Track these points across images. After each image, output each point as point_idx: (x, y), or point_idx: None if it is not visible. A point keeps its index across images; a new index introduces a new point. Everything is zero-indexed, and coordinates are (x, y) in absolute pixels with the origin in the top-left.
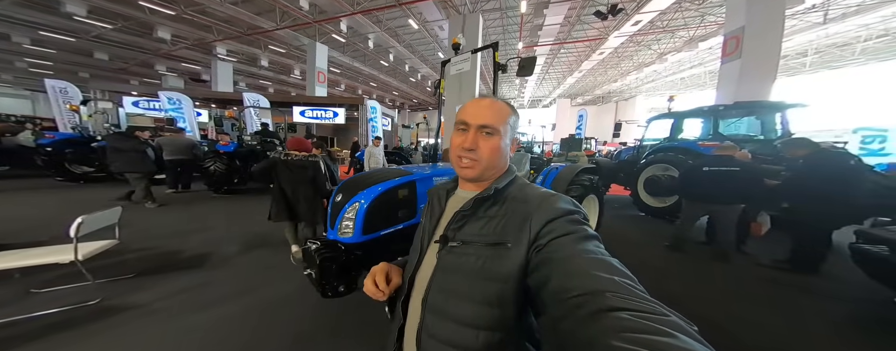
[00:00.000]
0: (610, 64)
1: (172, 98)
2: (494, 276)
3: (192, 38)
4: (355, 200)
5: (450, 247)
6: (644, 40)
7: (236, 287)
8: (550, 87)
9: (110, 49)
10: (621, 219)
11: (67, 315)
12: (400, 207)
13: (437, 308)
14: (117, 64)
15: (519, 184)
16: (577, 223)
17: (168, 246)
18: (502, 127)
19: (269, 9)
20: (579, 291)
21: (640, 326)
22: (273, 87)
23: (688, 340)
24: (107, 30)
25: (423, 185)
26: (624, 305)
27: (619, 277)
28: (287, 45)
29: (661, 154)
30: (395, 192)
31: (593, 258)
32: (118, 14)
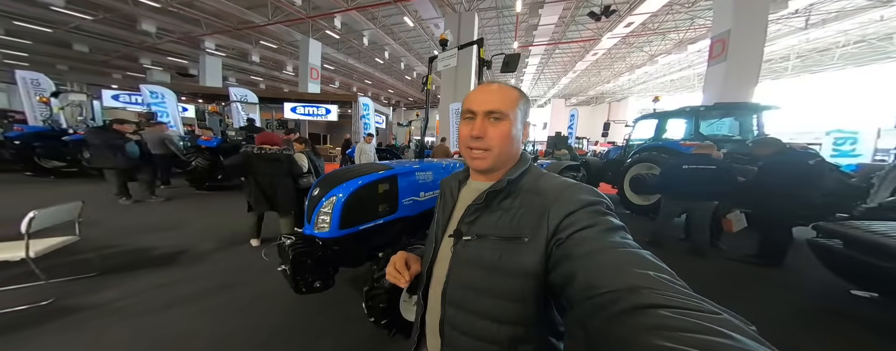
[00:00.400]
0: (603, 65)
1: (155, 92)
2: (512, 271)
3: (179, 31)
4: (332, 195)
5: (464, 241)
6: (636, 42)
7: (209, 284)
8: (545, 87)
9: (91, 41)
10: None
11: (15, 317)
12: (380, 201)
13: (456, 302)
14: (98, 56)
15: (534, 174)
16: (599, 214)
17: (138, 243)
18: (512, 112)
19: (261, 3)
20: (610, 288)
21: (687, 325)
22: (264, 84)
23: (745, 340)
24: (86, 21)
25: (404, 179)
26: (664, 302)
27: (654, 272)
28: (279, 41)
29: (646, 153)
30: (375, 186)
31: (623, 252)
32: (99, 5)
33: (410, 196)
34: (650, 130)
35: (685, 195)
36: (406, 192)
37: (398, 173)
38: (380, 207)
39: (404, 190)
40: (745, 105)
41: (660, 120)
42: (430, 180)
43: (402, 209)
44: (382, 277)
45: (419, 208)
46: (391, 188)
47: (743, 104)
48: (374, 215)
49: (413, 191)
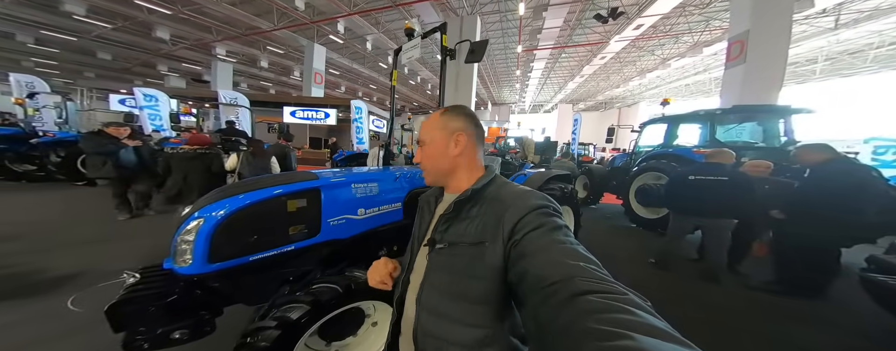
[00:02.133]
0: (612, 69)
1: (148, 95)
2: (478, 274)
3: (192, 38)
4: (201, 215)
5: (438, 249)
6: (647, 45)
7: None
8: (552, 91)
9: (112, 49)
10: (611, 230)
11: None
12: (292, 222)
13: (430, 306)
14: (120, 64)
15: (498, 184)
16: (546, 216)
17: (28, 265)
18: (429, 135)
19: (267, 10)
20: (553, 280)
21: (606, 306)
22: (274, 89)
23: (644, 314)
24: (107, 29)
25: (332, 193)
26: (590, 288)
27: (584, 263)
28: (286, 46)
29: (654, 161)
30: (278, 203)
31: (563, 247)
32: (117, 13)
33: (342, 214)
34: (659, 136)
35: (693, 210)
36: (335, 209)
37: (324, 186)
38: (291, 229)
39: (332, 207)
40: (770, 108)
41: (670, 125)
42: (374, 194)
43: (328, 231)
44: (262, 330)
45: (354, 229)
46: (310, 205)
47: (767, 107)
48: (280, 241)
49: (346, 208)
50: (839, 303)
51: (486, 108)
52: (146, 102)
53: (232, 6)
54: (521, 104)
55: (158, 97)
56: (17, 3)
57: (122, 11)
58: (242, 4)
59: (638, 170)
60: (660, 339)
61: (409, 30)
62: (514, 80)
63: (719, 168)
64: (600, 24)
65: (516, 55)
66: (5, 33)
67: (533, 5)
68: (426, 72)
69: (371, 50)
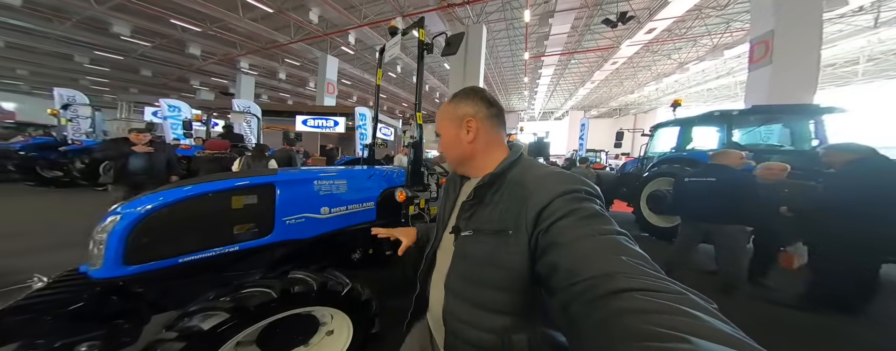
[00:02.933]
0: (625, 74)
1: (173, 105)
2: (502, 263)
3: (219, 53)
4: (117, 212)
5: (463, 237)
6: (662, 49)
7: None
8: (562, 98)
9: (152, 66)
10: None
11: None
12: (237, 220)
13: (457, 292)
14: (160, 80)
15: (522, 166)
16: (577, 201)
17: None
18: (442, 126)
19: (285, 24)
20: (588, 274)
21: (655, 306)
22: (292, 99)
23: (706, 317)
24: (147, 48)
25: (290, 190)
26: (636, 286)
27: (628, 257)
28: (302, 58)
29: (666, 166)
30: (221, 199)
31: (600, 239)
32: (156, 32)
33: (302, 213)
34: (673, 140)
35: (698, 216)
36: (292, 206)
37: (279, 181)
38: (236, 228)
39: (288, 204)
40: (794, 108)
41: (682, 128)
42: (342, 192)
43: (284, 231)
44: (161, 342)
45: (319, 229)
46: (262, 202)
47: (791, 106)
48: (221, 240)
49: (307, 206)
50: (880, 322)
51: None
52: (170, 112)
53: (253, 21)
54: (530, 111)
55: (181, 107)
56: (75, 26)
57: (160, 30)
58: (263, 20)
59: (649, 175)
60: (728, 346)
61: (392, 28)
62: (523, 88)
63: (716, 170)
64: (610, 28)
65: (524, 62)
66: (66, 55)
67: (539, 12)
68: (434, 80)
69: (386, 61)
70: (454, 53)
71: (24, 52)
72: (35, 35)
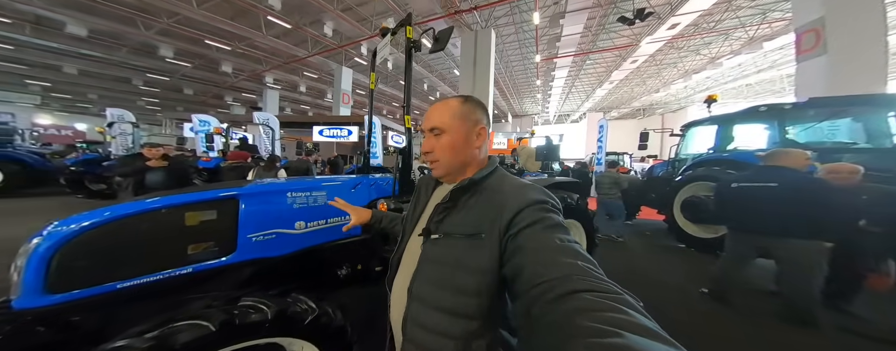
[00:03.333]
0: (648, 73)
1: (203, 120)
2: (472, 267)
3: (247, 70)
4: (38, 235)
5: (432, 240)
6: (688, 44)
7: None
8: (579, 100)
9: (193, 85)
10: (651, 250)
11: None
12: (190, 239)
13: (421, 297)
14: (199, 97)
15: (498, 175)
16: (545, 212)
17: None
18: (450, 123)
19: (303, 39)
20: (548, 277)
21: (599, 305)
22: (311, 111)
23: (636, 314)
24: (188, 68)
25: (254, 202)
26: (586, 287)
27: (581, 262)
28: (319, 71)
29: (704, 169)
30: (167, 216)
31: (561, 245)
32: (194, 54)
33: (271, 229)
34: (708, 140)
35: (753, 228)
36: (258, 222)
37: (243, 194)
38: (191, 248)
39: (253, 219)
40: (865, 99)
41: (721, 126)
42: (320, 204)
43: (249, 249)
44: None
45: (293, 246)
46: (221, 218)
47: (861, 97)
48: (172, 261)
49: (277, 221)
50: None
51: (506, 121)
52: (200, 127)
53: (275, 38)
54: (544, 115)
55: (210, 122)
56: (130, 52)
57: (198, 51)
58: (284, 36)
59: (682, 179)
60: (650, 338)
61: (384, 30)
62: (535, 91)
63: (776, 173)
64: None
65: (535, 65)
66: (125, 78)
67: (549, 14)
68: (444, 86)
69: (391, 69)
70: (442, 49)
71: (92, 78)
72: (100, 62)
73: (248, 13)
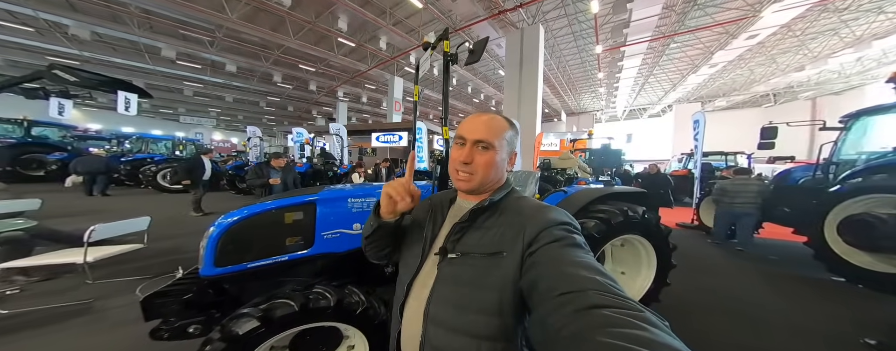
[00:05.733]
0: (779, 47)
1: (299, 131)
2: (492, 285)
3: (326, 86)
4: (214, 224)
5: (449, 259)
6: (856, 3)
7: None
8: (659, 92)
9: (292, 103)
10: (781, 283)
11: (60, 310)
12: (289, 233)
13: (438, 320)
14: (296, 113)
15: (515, 196)
16: (566, 232)
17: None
18: (498, 141)
19: (364, 55)
20: (565, 290)
21: (619, 321)
22: (371, 119)
23: (659, 332)
24: (289, 89)
25: (327, 207)
26: (605, 303)
27: (600, 277)
28: (376, 82)
29: (885, 176)
30: (277, 215)
31: (578, 260)
32: (292, 77)
33: (336, 228)
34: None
35: None
36: (329, 223)
37: (320, 199)
38: (287, 240)
39: (326, 220)
40: None
41: None
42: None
43: (321, 244)
44: (210, 343)
45: (352, 244)
46: (306, 218)
47: None
48: (276, 250)
49: (341, 222)
50: None
51: (559, 120)
52: (297, 138)
53: (344, 57)
54: (610, 111)
55: (303, 133)
56: (259, 80)
57: (295, 74)
58: (350, 54)
59: (845, 189)
60: None
61: (426, 44)
62: (597, 84)
63: None
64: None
65: (596, 57)
66: (255, 101)
67: (611, 0)
68: (489, 88)
69: (437, 74)
70: (477, 61)
71: (239, 104)
72: (242, 90)
73: (325, 37)
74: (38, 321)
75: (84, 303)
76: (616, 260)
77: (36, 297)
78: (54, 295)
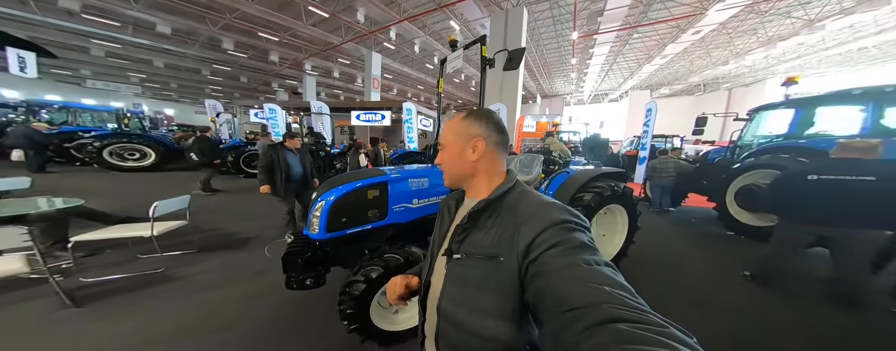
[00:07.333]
0: (714, 43)
1: (272, 108)
2: (494, 289)
3: (290, 58)
4: (323, 199)
5: (455, 259)
6: (776, 7)
7: (260, 267)
8: (620, 78)
9: (247, 73)
10: (696, 236)
11: (136, 279)
12: (369, 207)
13: (448, 316)
14: (252, 85)
15: (517, 192)
16: (567, 231)
17: (228, 229)
18: (449, 137)
19: (337, 26)
20: (575, 304)
21: (639, 338)
22: (343, 95)
23: (686, 350)
24: (244, 59)
25: (395, 186)
26: (621, 317)
27: (611, 288)
28: (351, 57)
29: (770, 156)
30: (364, 192)
31: (588, 269)
32: (249, 45)
33: (402, 203)
34: (781, 126)
35: (815, 219)
36: (397, 198)
37: (389, 180)
38: (369, 213)
39: (395, 197)
40: None
41: (800, 110)
42: (425, 187)
43: (393, 216)
44: (355, 282)
45: (411, 216)
46: (381, 195)
47: None
48: (363, 220)
49: (405, 198)
50: None
51: (534, 102)
52: (269, 114)
53: (313, 26)
54: (578, 94)
55: (276, 110)
56: (202, 46)
57: (251, 43)
58: (320, 24)
59: (742, 166)
60: None
61: (452, 41)
62: (569, 70)
63: (856, 165)
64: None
65: (571, 43)
66: (195, 69)
67: None
68: (470, 69)
69: (419, 52)
70: (516, 68)
71: (174, 70)
72: (178, 56)
73: (292, 4)
74: (126, 288)
75: (157, 272)
76: (599, 225)
77: (95, 269)
78: (111, 267)
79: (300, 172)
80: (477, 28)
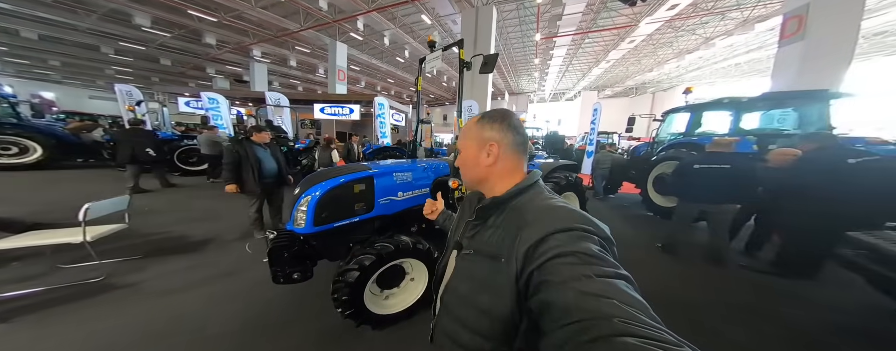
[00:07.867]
0: (643, 52)
1: (212, 98)
2: (490, 288)
3: (233, 42)
4: (308, 193)
5: (463, 254)
6: (685, 25)
7: (222, 270)
8: (575, 78)
9: (172, 55)
10: (626, 218)
11: (72, 290)
12: (356, 200)
13: (448, 309)
14: (178, 68)
15: (531, 193)
16: (575, 240)
17: (176, 232)
18: (464, 142)
19: (294, 11)
20: (581, 316)
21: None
22: (302, 86)
23: None
24: (167, 38)
25: (381, 180)
26: (632, 331)
27: (623, 303)
28: (311, 46)
29: (673, 150)
30: (350, 186)
31: (597, 281)
32: (174, 23)
33: (387, 196)
34: (683, 125)
35: (698, 198)
36: (383, 192)
37: (375, 174)
38: (356, 206)
39: (381, 190)
40: (801, 94)
41: (693, 113)
42: (408, 181)
43: (379, 208)
44: (349, 270)
45: (396, 208)
46: (367, 188)
47: (798, 93)
48: (350, 213)
49: (390, 191)
50: (838, 286)
51: (503, 99)
52: (210, 105)
53: (264, 9)
54: (540, 93)
55: (219, 100)
56: (101, 18)
57: (178, 21)
58: (273, 7)
59: (657, 159)
60: None
61: (431, 42)
62: (533, 69)
63: (721, 157)
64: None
65: (534, 44)
66: (92, 46)
67: None
68: (441, 64)
69: (389, 45)
70: (491, 71)
71: (55, 44)
72: (64, 27)
73: None
74: (53, 301)
75: (93, 281)
76: None
77: (12, 283)
78: (25, 280)
79: (274, 169)
80: (448, 23)
